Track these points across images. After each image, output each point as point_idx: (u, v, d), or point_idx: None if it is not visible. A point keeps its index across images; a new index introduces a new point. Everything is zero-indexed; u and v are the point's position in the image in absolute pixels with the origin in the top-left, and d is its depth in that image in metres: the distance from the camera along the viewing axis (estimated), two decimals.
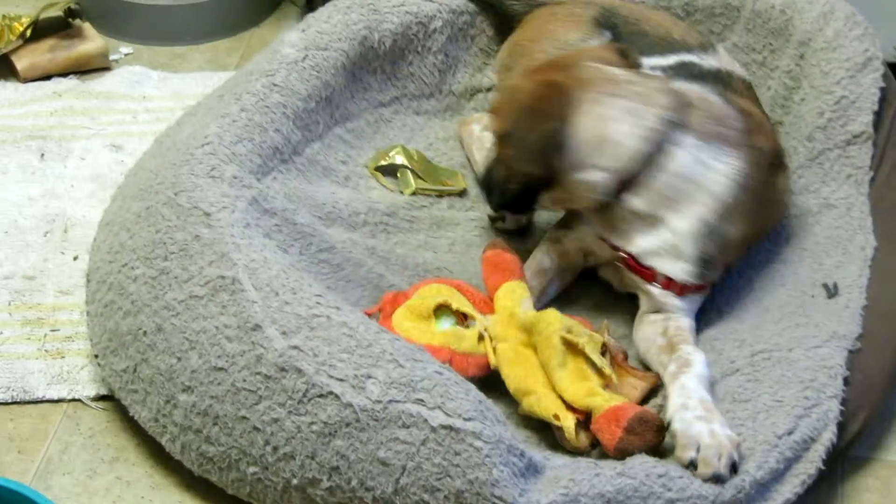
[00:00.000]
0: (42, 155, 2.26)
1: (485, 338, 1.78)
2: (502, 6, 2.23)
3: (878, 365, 1.77)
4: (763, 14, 2.16)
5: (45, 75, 2.45)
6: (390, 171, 2.11)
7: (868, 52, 2.02)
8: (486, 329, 1.78)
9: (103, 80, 2.46)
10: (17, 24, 2.45)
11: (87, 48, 2.49)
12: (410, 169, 2.11)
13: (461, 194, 2.13)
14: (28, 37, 2.45)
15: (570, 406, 1.71)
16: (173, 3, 2.59)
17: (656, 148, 1.76)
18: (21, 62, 2.44)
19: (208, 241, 1.72)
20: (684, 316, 1.83)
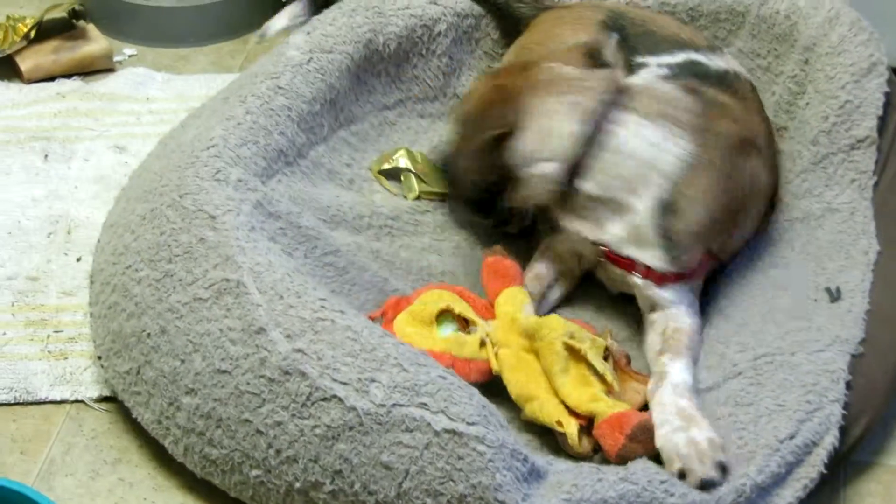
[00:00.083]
0: (46, 156, 2.26)
1: (486, 343, 1.78)
2: (509, 8, 2.22)
3: (881, 369, 1.77)
4: (768, 19, 2.16)
5: (48, 76, 2.46)
6: (394, 174, 2.11)
7: (873, 57, 2.02)
8: (487, 335, 1.78)
9: (107, 82, 2.46)
10: (21, 25, 2.45)
11: (90, 49, 2.49)
12: (414, 173, 2.11)
13: None
14: (32, 38, 2.45)
15: (573, 411, 1.71)
16: (177, 4, 2.59)
17: (595, 128, 1.79)
18: (25, 63, 2.44)
19: (213, 244, 1.72)
20: (682, 313, 1.83)
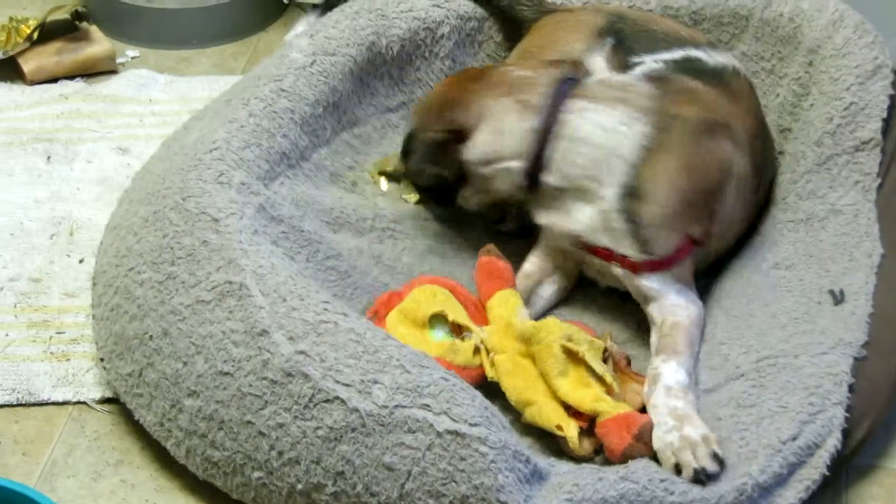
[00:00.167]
0: (48, 157, 2.26)
1: (481, 350, 1.78)
2: (512, 11, 2.23)
3: (884, 372, 1.77)
4: (771, 22, 2.15)
5: (51, 78, 2.46)
6: (395, 177, 2.11)
7: (878, 59, 2.01)
8: (482, 341, 1.78)
9: (110, 84, 2.46)
10: (24, 27, 2.45)
11: (93, 51, 2.49)
12: None
13: None
14: (35, 39, 2.45)
15: (574, 411, 1.71)
16: (180, 6, 2.59)
17: (546, 120, 1.83)
18: (28, 65, 2.44)
19: (216, 247, 1.72)
20: (674, 304, 1.82)
